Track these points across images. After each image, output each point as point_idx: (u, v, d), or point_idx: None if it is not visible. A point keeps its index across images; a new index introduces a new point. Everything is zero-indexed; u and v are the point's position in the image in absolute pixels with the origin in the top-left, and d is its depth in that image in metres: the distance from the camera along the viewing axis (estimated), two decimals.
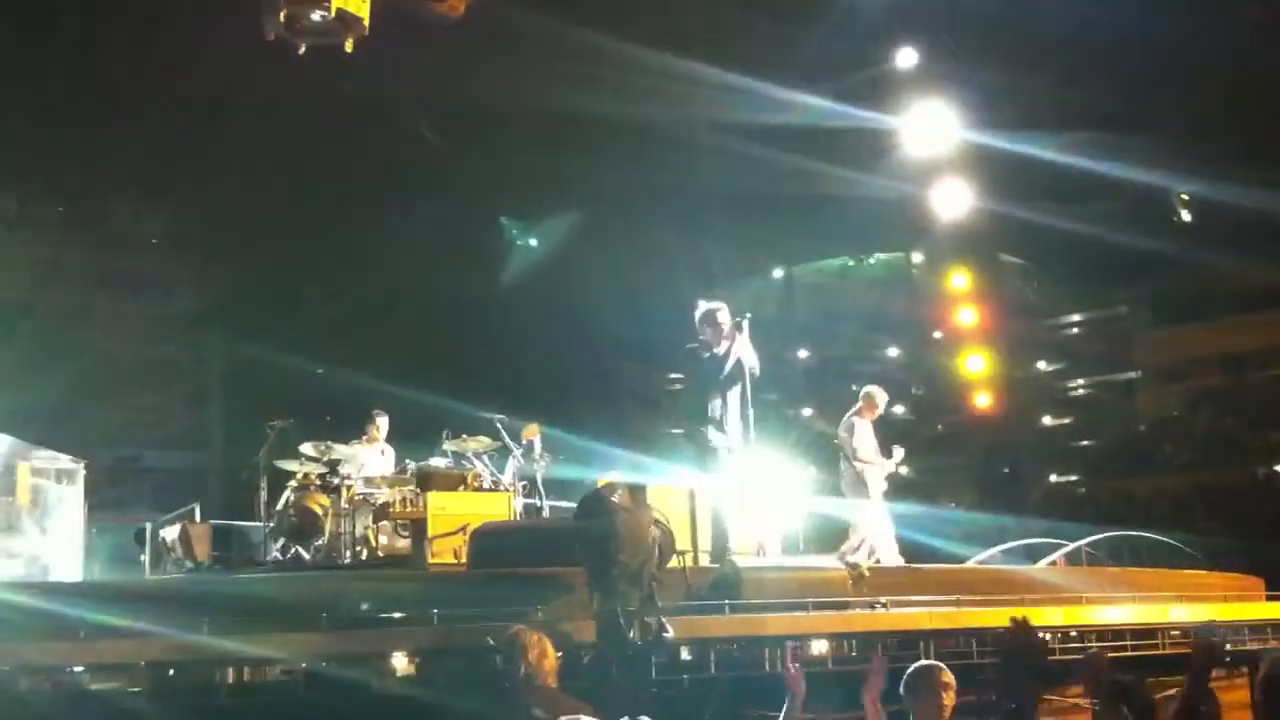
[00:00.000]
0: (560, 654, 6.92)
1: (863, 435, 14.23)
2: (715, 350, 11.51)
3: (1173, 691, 9.20)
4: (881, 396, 14.63)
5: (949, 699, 6.52)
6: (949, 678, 6.56)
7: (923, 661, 7.05)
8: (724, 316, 11.56)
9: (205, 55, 19.95)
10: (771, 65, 21.35)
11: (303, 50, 12.43)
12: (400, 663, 9.15)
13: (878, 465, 14.16)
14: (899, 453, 14.56)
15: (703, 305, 11.73)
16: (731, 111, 21.85)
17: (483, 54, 19.76)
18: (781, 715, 6.55)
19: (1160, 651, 12.33)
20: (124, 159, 25.08)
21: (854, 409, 14.51)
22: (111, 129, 23.36)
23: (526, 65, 20.64)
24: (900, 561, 14.12)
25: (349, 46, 12.38)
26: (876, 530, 14.01)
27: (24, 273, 28.42)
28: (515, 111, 22.25)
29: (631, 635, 8.28)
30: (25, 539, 11.46)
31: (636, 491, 8.98)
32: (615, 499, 8.64)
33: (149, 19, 20.20)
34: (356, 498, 13.14)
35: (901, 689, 6.57)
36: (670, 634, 8.96)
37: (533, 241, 29.96)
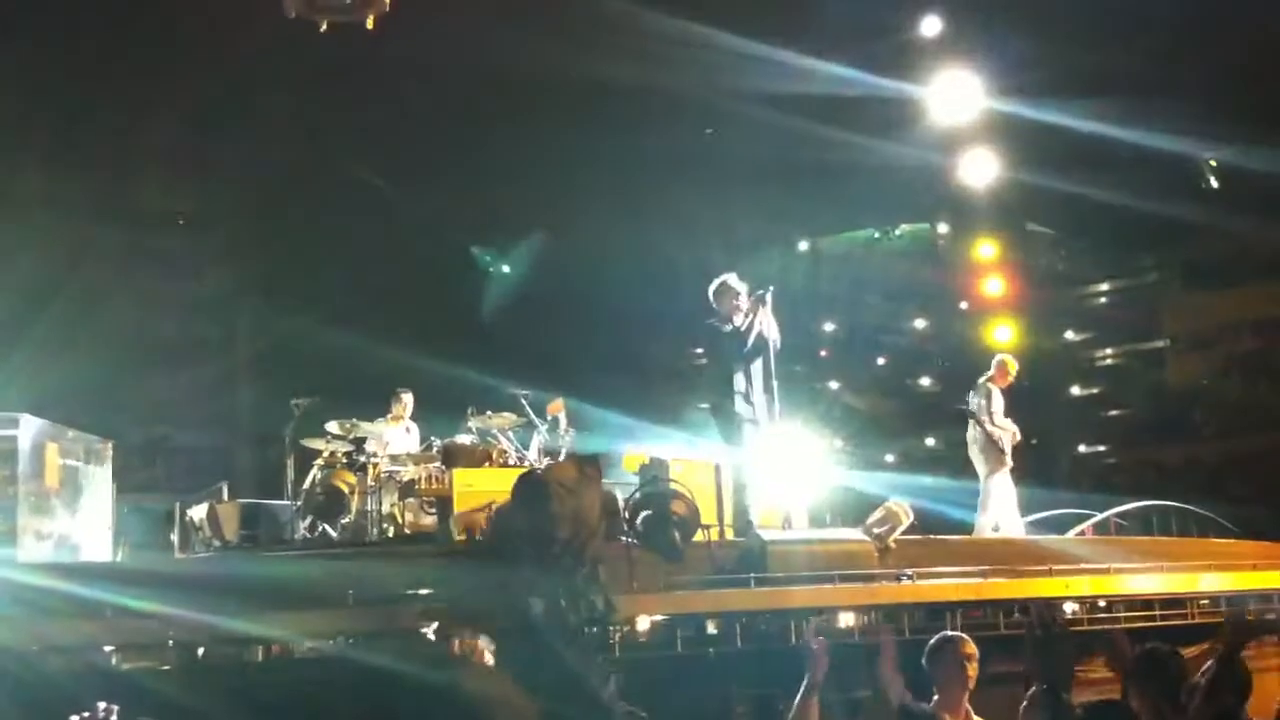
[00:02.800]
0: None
1: (997, 401, 14.41)
2: (734, 323, 11.49)
3: (1194, 651, 9.15)
4: (1014, 365, 14.98)
5: (972, 670, 6.50)
6: (971, 649, 6.55)
7: (945, 632, 7.03)
8: (738, 286, 11.56)
9: (234, 33, 19.99)
10: (796, 34, 21.25)
11: (324, 27, 12.45)
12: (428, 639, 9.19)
13: (1010, 432, 14.33)
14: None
15: (715, 281, 11.75)
16: (756, 81, 21.76)
17: (505, 23, 19.73)
18: (799, 695, 6.38)
19: (1189, 621, 12.30)
20: (153, 138, 25.17)
21: (986, 375, 14.73)
22: (140, 107, 23.44)
23: (548, 34, 20.58)
24: (1021, 532, 14.23)
25: (370, 23, 12.38)
26: (1007, 495, 14.17)
27: (53, 253, 28.56)
28: (537, 81, 22.21)
29: (573, 613, 8.22)
30: (54, 520, 11.50)
31: (587, 465, 8.91)
32: (557, 478, 8.55)
33: None
34: (382, 475, 13.19)
35: (924, 660, 6.55)
36: (618, 613, 8.90)
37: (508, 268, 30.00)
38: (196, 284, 32.00)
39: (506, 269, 29.97)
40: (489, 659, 6.63)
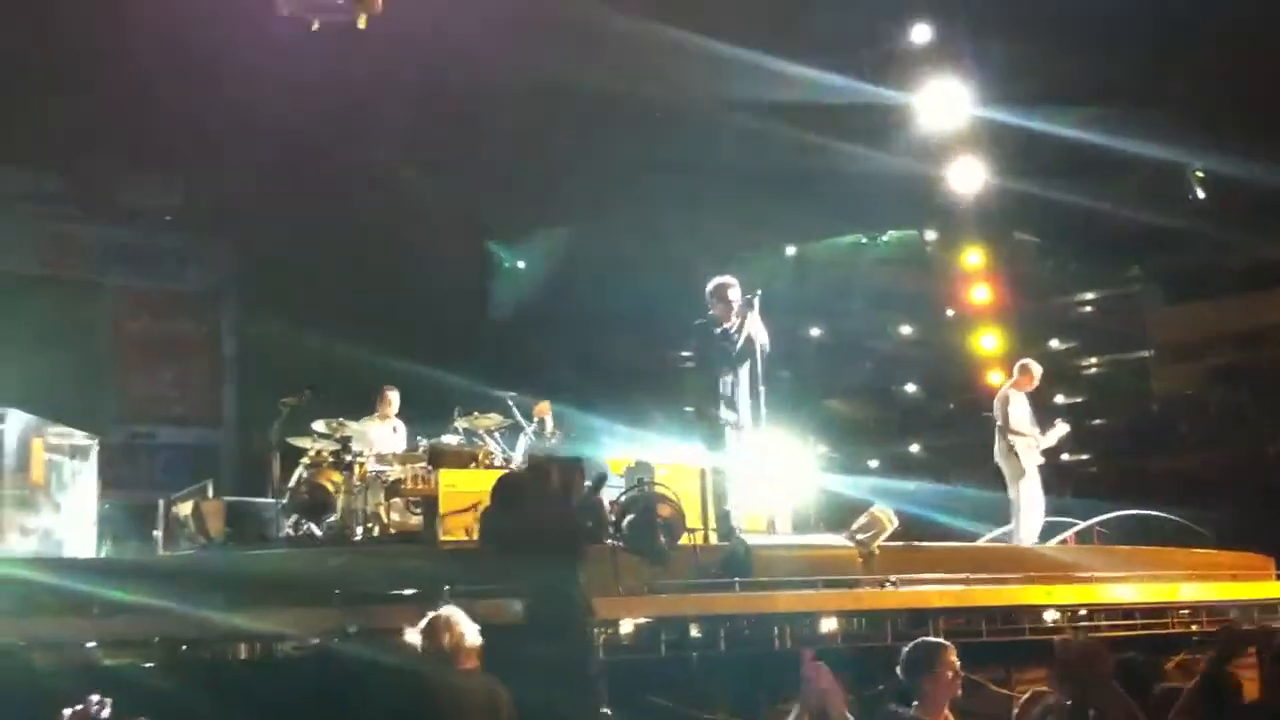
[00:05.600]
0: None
1: (1016, 407, 14.19)
2: (725, 326, 11.52)
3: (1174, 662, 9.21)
4: (1037, 369, 14.56)
5: (958, 679, 6.49)
6: (954, 654, 6.54)
7: (928, 639, 7.02)
8: (734, 293, 11.58)
9: (219, 26, 19.95)
10: (784, 40, 21.29)
11: (316, 26, 12.46)
12: (412, 639, 9.20)
13: (1031, 438, 14.12)
14: (1063, 427, 14.62)
15: (714, 280, 11.75)
16: (743, 87, 21.79)
17: (487, 30, 19.72)
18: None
19: (1170, 630, 12.37)
20: (136, 132, 25.09)
21: (1009, 381, 14.51)
22: (123, 101, 23.36)
23: (531, 42, 20.59)
24: (1035, 542, 14.10)
25: (362, 23, 12.39)
26: (1027, 507, 13.99)
27: (34, 248, 28.49)
28: (522, 89, 22.22)
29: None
30: (39, 515, 11.52)
31: (567, 469, 8.86)
32: (536, 480, 8.51)
33: None
34: (368, 474, 13.18)
35: (904, 667, 6.51)
36: (597, 615, 8.90)
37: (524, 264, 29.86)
38: (181, 281, 31.91)
39: (522, 264, 29.88)
40: (472, 661, 6.63)
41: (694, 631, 10.37)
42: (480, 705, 6.37)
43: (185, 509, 13.33)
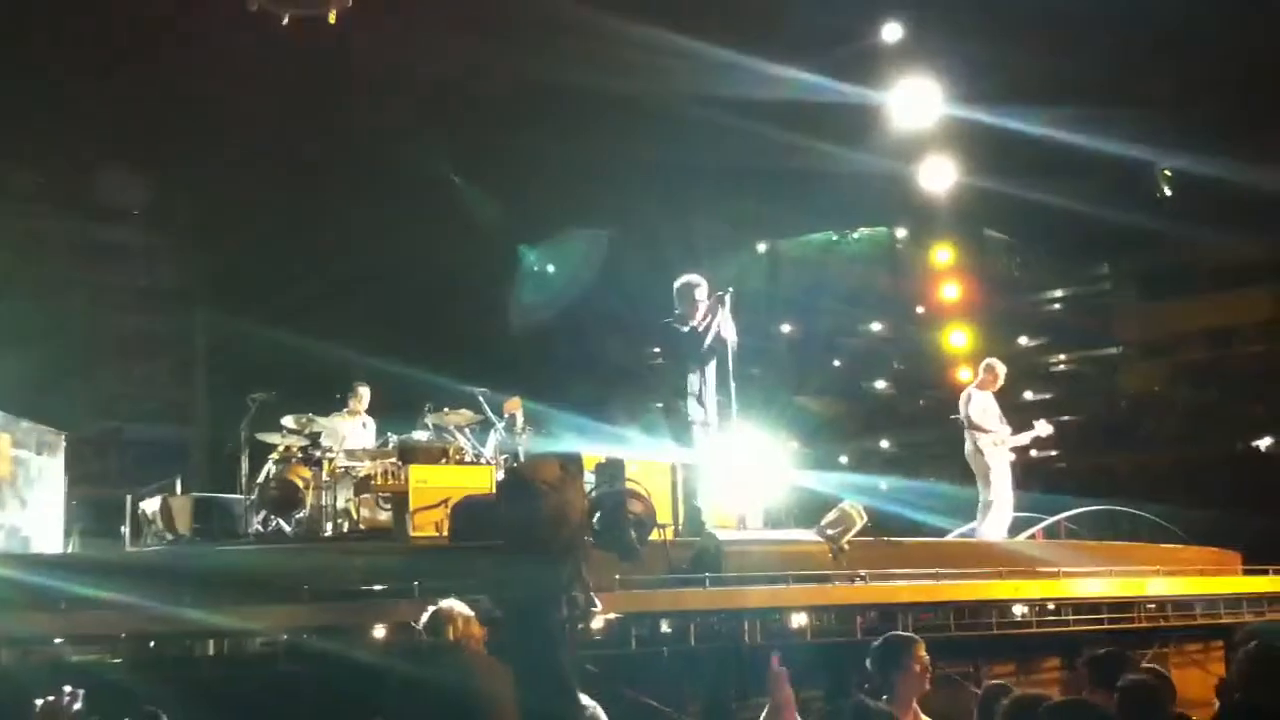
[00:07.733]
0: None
1: (980, 406, 14.28)
2: (693, 324, 11.53)
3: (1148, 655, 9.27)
4: (1001, 368, 14.65)
5: (927, 673, 6.53)
6: (924, 649, 6.58)
7: (898, 633, 7.04)
8: (701, 292, 11.60)
9: (191, 23, 19.85)
10: (756, 40, 21.31)
11: (285, 21, 12.42)
12: (381, 635, 9.19)
13: (997, 436, 14.18)
14: (1044, 427, 14.69)
15: (680, 279, 11.78)
16: (716, 86, 21.80)
17: (465, 28, 19.68)
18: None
19: (1137, 625, 12.46)
20: (107, 129, 24.96)
21: (975, 381, 14.58)
22: (94, 98, 23.24)
23: (509, 39, 20.56)
24: (1004, 538, 14.16)
25: (332, 18, 12.36)
26: (996, 503, 14.05)
27: (5, 244, 28.34)
28: (498, 87, 22.19)
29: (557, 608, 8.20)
30: (6, 511, 11.46)
31: (569, 464, 8.89)
32: (541, 476, 8.51)
33: None
34: (338, 470, 13.14)
35: (875, 661, 6.53)
36: (599, 609, 8.92)
37: (550, 267, 29.76)
38: (151, 277, 31.80)
39: (551, 268, 29.75)
40: (479, 641, 6.62)
41: (665, 627, 10.38)
42: (502, 691, 6.35)
43: (153, 505, 13.27)
